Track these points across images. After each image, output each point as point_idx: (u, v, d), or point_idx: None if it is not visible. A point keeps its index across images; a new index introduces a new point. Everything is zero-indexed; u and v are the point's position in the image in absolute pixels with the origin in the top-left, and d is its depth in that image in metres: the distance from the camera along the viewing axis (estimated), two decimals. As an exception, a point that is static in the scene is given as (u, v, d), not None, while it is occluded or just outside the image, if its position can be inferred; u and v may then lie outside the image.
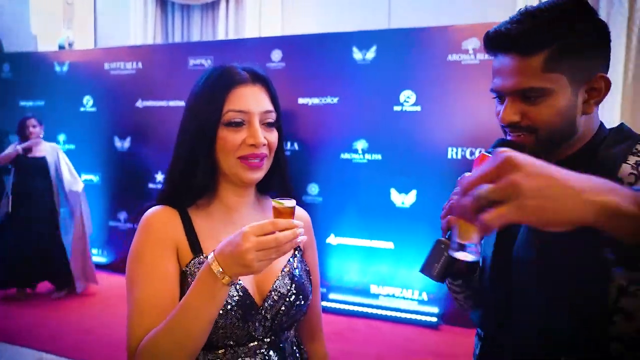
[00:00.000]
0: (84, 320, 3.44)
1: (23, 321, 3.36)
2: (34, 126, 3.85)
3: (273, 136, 0.88)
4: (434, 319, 3.54)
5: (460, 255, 0.63)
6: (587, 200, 0.48)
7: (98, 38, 5.73)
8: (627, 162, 0.73)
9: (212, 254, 0.73)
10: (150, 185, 4.53)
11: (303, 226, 0.80)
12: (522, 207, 0.48)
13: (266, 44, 4.12)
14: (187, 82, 4.78)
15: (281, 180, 0.96)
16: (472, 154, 3.50)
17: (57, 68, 4.87)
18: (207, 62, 4.28)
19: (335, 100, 3.88)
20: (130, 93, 4.57)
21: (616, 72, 3.50)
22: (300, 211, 1.01)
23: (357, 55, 3.79)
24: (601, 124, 0.82)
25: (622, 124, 0.82)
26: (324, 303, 3.60)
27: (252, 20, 4.77)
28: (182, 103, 4.42)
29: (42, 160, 3.84)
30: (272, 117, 0.88)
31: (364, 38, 3.79)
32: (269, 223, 0.70)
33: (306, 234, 0.97)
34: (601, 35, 0.76)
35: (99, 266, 4.66)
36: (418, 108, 3.63)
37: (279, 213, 0.74)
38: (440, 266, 0.79)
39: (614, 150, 0.76)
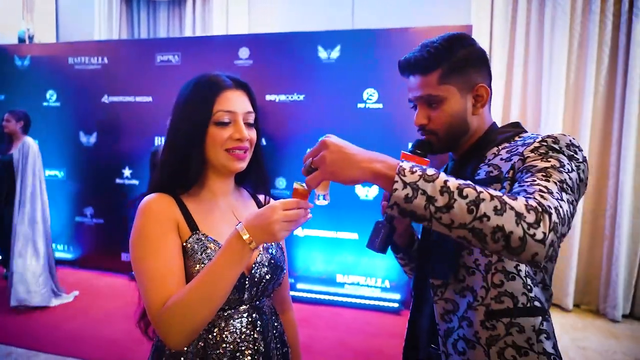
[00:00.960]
0: (60, 316, 3.45)
1: (-12, 317, 3.34)
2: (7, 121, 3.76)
3: (253, 134, 1.03)
4: (396, 305, 3.75)
5: (320, 202, 0.88)
6: (362, 167, 0.80)
7: (60, 32, 5.63)
8: (497, 144, 1.00)
9: (241, 224, 0.86)
10: (118, 181, 4.54)
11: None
12: (325, 172, 0.81)
13: (234, 41, 4.19)
14: (154, 78, 4.83)
15: (259, 173, 1.11)
16: (430, 149, 3.71)
17: (18, 62, 4.78)
18: (174, 59, 4.32)
19: (302, 97, 4.02)
20: (96, 88, 4.54)
21: (560, 73, 3.80)
22: (271, 199, 1.18)
23: (322, 54, 3.94)
24: (493, 122, 1.08)
25: (517, 122, 1.08)
26: (293, 293, 3.73)
27: (219, 18, 4.83)
28: (149, 99, 4.45)
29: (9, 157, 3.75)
30: (252, 118, 1.04)
31: (328, 38, 3.94)
32: (294, 201, 0.85)
33: None
34: (479, 57, 1.03)
35: (65, 262, 4.64)
36: (380, 105, 3.82)
37: (299, 194, 0.87)
38: (380, 240, 1.00)
39: (485, 145, 1.02)
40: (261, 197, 1.20)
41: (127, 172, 4.51)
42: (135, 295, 0.99)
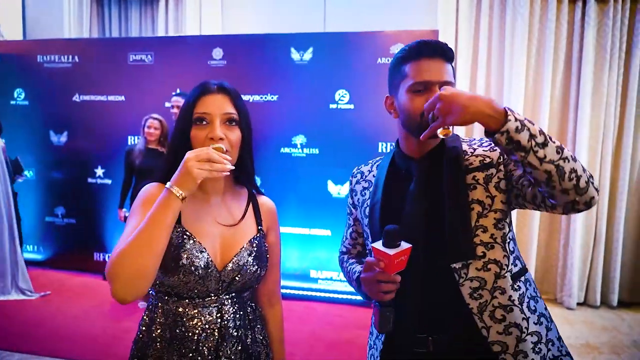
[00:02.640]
0: (31, 318, 3.42)
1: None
2: None
3: (234, 134, 1.09)
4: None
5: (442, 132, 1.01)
6: (475, 110, 0.92)
7: (28, 29, 5.52)
8: (463, 146, 1.14)
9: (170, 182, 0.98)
10: (90, 180, 4.51)
11: (269, 211, 1.20)
12: (445, 120, 0.94)
13: (208, 42, 4.23)
14: (127, 78, 4.83)
15: (243, 170, 1.18)
16: (399, 148, 3.87)
17: (-16, 59, 4.67)
18: (147, 58, 4.32)
19: (275, 97, 4.10)
20: (66, 87, 4.49)
21: (518, 75, 4.03)
22: (266, 200, 1.25)
23: (295, 55, 4.03)
24: None
25: None
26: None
27: (193, 18, 4.85)
28: (122, 98, 4.44)
29: None
30: (232, 118, 1.10)
31: (301, 40, 4.03)
32: (204, 148, 0.98)
33: (270, 221, 1.25)
34: None
35: (35, 263, 4.58)
36: (351, 106, 3.95)
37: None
38: (391, 323, 1.03)
39: (453, 143, 1.15)
40: (264, 199, 1.24)
41: (99, 171, 4.49)
42: (109, 294, 1.05)
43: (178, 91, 3.86)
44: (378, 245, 0.99)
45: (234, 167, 1.01)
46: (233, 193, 1.19)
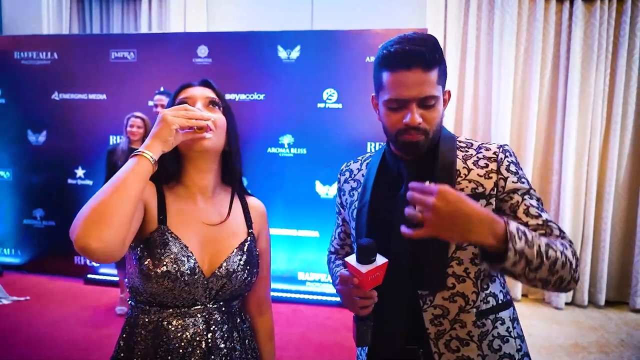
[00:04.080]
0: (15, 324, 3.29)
1: None
2: None
3: (217, 115, 1.04)
4: (356, 300, 3.84)
5: None
6: (475, 232, 0.81)
7: (4, 25, 5.34)
8: (457, 157, 1.05)
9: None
10: (70, 181, 4.37)
11: (259, 214, 1.14)
12: (434, 227, 0.81)
13: (192, 39, 4.14)
14: (109, 75, 4.68)
15: (234, 174, 1.12)
16: (388, 148, 3.83)
17: (-42, 56, 4.50)
18: (130, 56, 4.21)
19: (262, 96, 4.03)
20: (45, 84, 4.35)
21: (507, 75, 4.02)
22: (256, 202, 1.18)
23: (282, 54, 3.97)
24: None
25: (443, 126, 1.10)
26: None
27: (177, 15, 4.74)
28: (103, 96, 4.32)
29: None
30: (215, 101, 1.06)
31: (288, 38, 3.97)
32: (183, 105, 0.96)
33: (261, 223, 1.17)
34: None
35: (13, 267, 4.42)
36: (340, 105, 3.90)
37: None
38: (369, 337, 1.02)
39: (448, 151, 1.05)
40: (254, 200, 1.18)
41: (80, 172, 4.35)
42: (90, 298, 0.99)
43: (162, 89, 3.76)
44: (352, 260, 0.95)
45: (214, 130, 0.99)
46: (220, 193, 1.12)
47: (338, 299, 3.90)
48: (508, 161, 1.02)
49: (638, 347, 3.26)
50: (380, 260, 0.93)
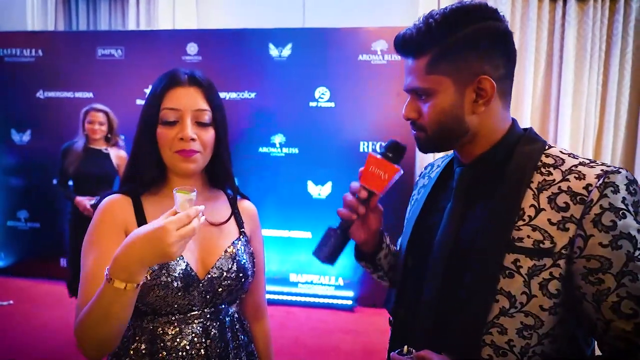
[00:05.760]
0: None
1: None
2: None
3: (207, 134, 0.96)
4: (349, 302, 3.79)
5: None
6: None
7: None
8: (531, 185, 0.77)
9: (108, 268, 0.79)
10: (56, 182, 4.25)
11: (250, 215, 1.07)
12: None
13: (182, 36, 4.06)
14: (95, 73, 4.57)
15: (221, 172, 1.05)
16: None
17: (-61, 52, 4.36)
18: (117, 53, 4.12)
19: (253, 95, 3.96)
20: (29, 82, 4.24)
21: (528, 78, 3.98)
22: (247, 203, 1.13)
23: (273, 52, 3.90)
24: (514, 123, 0.85)
25: (530, 128, 0.86)
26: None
27: (166, 12, 4.65)
28: (90, 94, 4.21)
29: None
30: (205, 116, 0.96)
31: (280, 35, 3.90)
32: (184, 216, 0.77)
33: (252, 224, 1.11)
34: (492, 38, 0.78)
35: (-4, 270, 4.31)
36: (332, 104, 3.84)
37: (183, 202, 0.81)
38: (328, 249, 0.89)
39: (519, 171, 0.79)
40: (245, 202, 1.13)
41: (66, 172, 4.24)
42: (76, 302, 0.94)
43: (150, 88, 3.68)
44: (374, 152, 0.89)
45: (204, 219, 0.84)
46: (209, 196, 1.05)
47: (331, 300, 3.88)
48: (603, 206, 0.70)
49: None
50: (395, 166, 0.86)
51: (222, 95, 4.11)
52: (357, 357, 2.95)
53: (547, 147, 0.81)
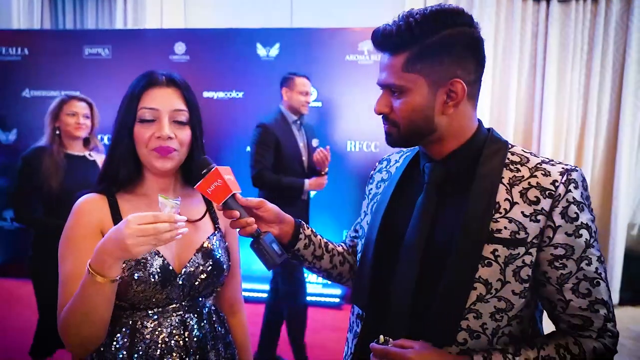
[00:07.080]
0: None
1: None
2: None
3: (183, 133, 0.98)
4: (337, 300, 3.83)
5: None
6: None
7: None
8: (502, 180, 0.83)
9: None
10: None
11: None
12: None
13: (169, 36, 4.06)
14: (82, 72, 4.53)
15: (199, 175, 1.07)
16: (368, 147, 3.84)
17: None
18: (104, 52, 4.10)
19: (241, 94, 3.97)
20: (15, 81, 4.20)
21: (485, 74, 4.05)
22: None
23: (261, 51, 3.92)
24: (480, 124, 0.90)
25: (490, 129, 0.91)
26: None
27: (153, 11, 4.64)
28: (76, 94, 4.17)
29: None
30: (182, 116, 0.99)
31: (267, 35, 3.92)
32: (150, 215, 0.79)
33: (227, 220, 1.11)
34: (466, 44, 0.82)
35: (-18, 270, 4.26)
36: (319, 104, 3.87)
37: (163, 207, 0.82)
38: (266, 258, 0.93)
39: (490, 170, 0.84)
40: None
41: (52, 171, 4.22)
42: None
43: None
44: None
45: (186, 230, 0.85)
46: (184, 194, 1.07)
47: (319, 298, 3.90)
48: (569, 200, 0.79)
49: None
50: (211, 176, 0.90)
51: (209, 94, 4.11)
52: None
53: (510, 145, 0.88)
